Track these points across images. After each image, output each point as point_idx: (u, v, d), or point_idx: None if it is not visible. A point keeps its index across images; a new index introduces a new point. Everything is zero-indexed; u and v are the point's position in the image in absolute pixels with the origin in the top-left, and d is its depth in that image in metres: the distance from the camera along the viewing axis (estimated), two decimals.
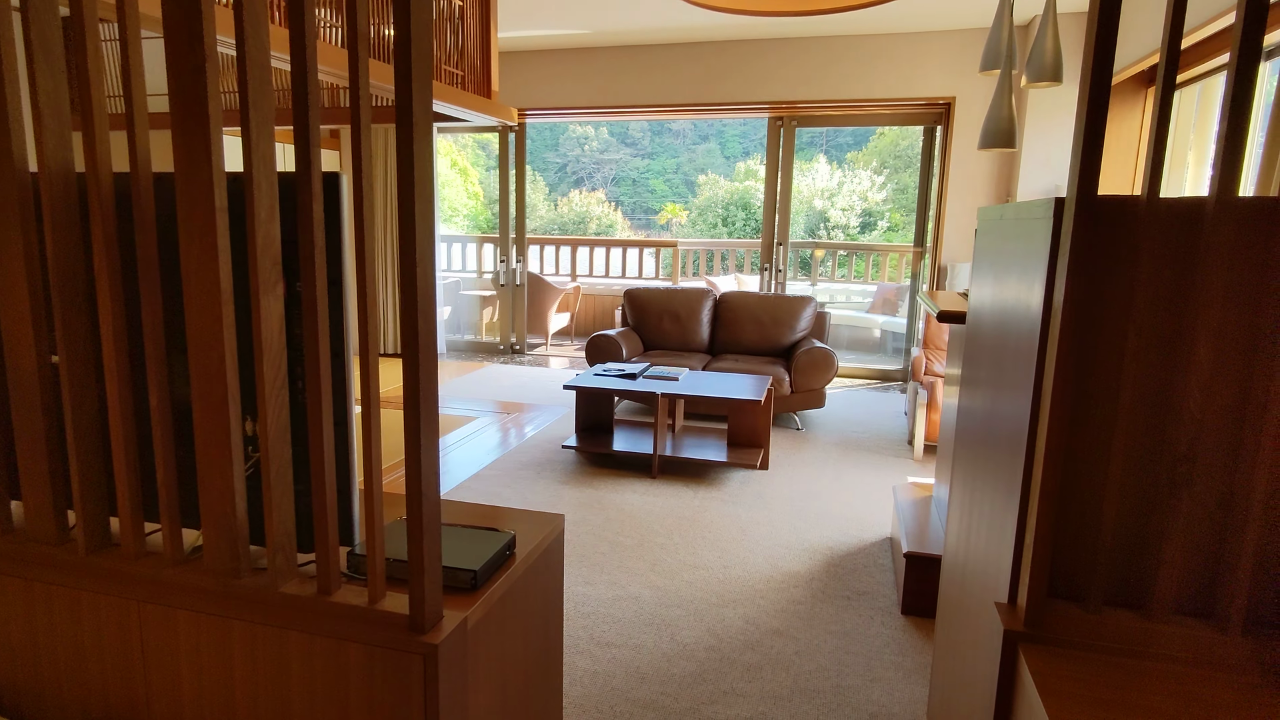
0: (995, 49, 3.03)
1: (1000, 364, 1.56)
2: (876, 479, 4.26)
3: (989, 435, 1.65)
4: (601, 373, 4.58)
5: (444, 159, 25.26)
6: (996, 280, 1.67)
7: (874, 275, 9.24)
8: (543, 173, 32.27)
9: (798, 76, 6.27)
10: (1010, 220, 1.57)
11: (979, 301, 1.95)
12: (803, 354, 5.11)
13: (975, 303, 2.04)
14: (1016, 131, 2.95)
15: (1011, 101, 2.95)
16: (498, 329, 7.78)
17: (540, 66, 6.87)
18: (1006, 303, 1.52)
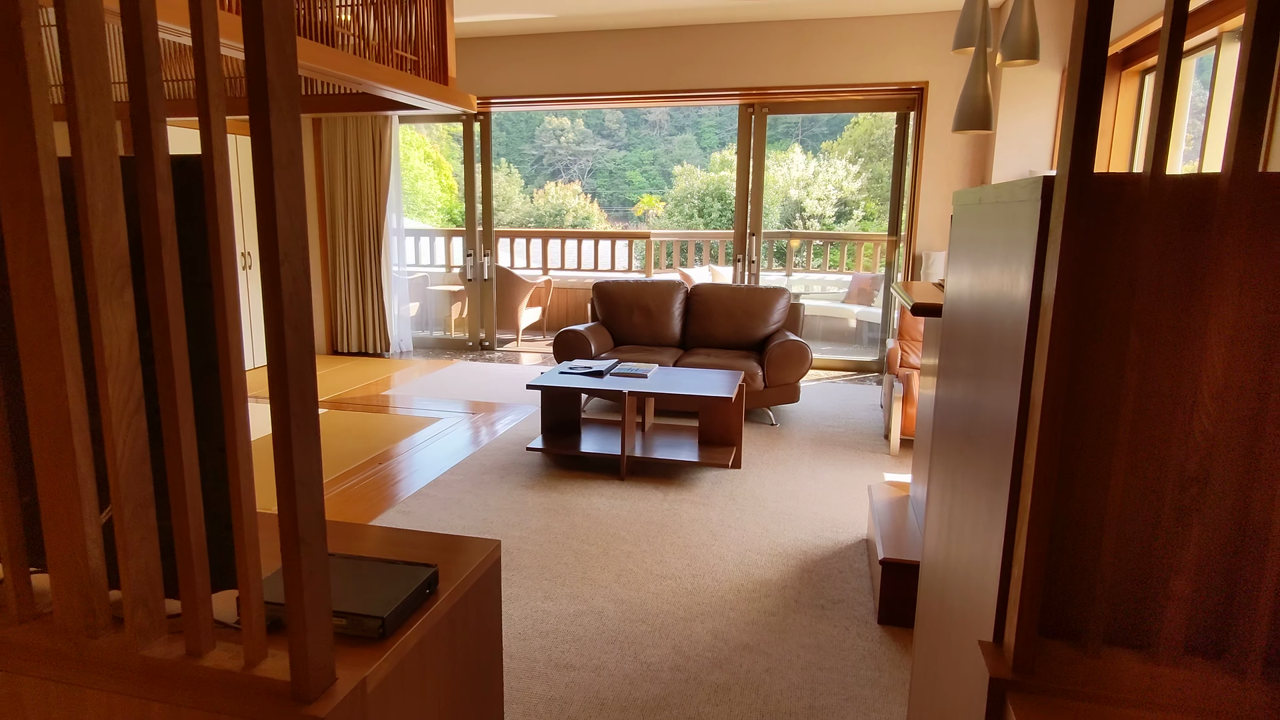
0: (969, 26, 2.88)
1: (982, 362, 1.41)
2: (852, 476, 4.12)
3: (969, 438, 1.49)
4: (568, 370, 4.41)
5: (416, 151, 24.91)
6: (975, 270, 1.51)
7: (849, 265, 9.13)
8: (519, 165, 31.95)
9: (768, 62, 6.10)
10: (990, 204, 1.41)
11: (956, 293, 1.80)
12: (776, 347, 4.96)
13: (952, 295, 1.88)
14: (992, 113, 2.81)
15: (987, 81, 2.80)
16: (467, 325, 7.56)
17: (503, 53, 6.65)
18: (988, 296, 1.36)
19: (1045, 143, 5.42)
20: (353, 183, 6.97)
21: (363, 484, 4.01)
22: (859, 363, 6.79)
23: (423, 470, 4.23)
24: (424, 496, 3.82)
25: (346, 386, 6.12)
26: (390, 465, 4.31)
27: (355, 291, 7.14)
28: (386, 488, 3.96)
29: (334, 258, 7.16)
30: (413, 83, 4.31)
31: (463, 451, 4.54)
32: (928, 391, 3.10)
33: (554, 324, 8.94)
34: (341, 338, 7.26)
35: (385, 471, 4.21)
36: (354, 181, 6.97)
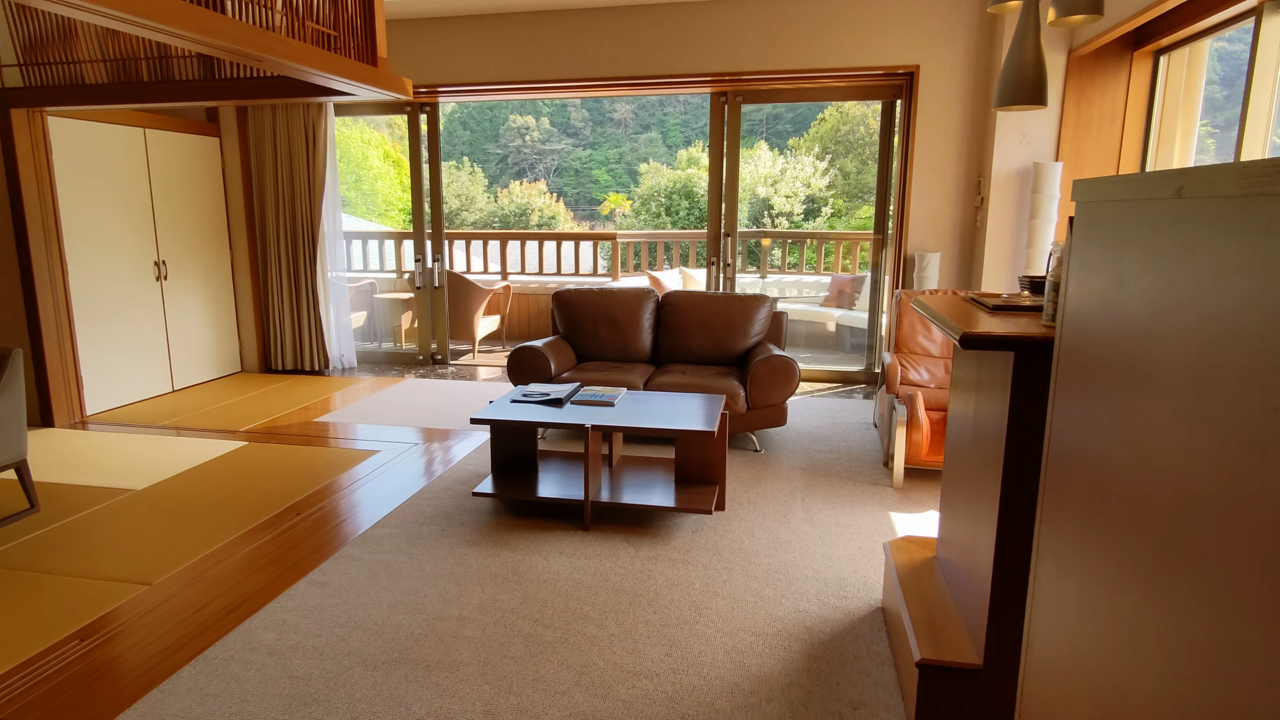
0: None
1: (1148, 417, 0.77)
2: (854, 518, 3.49)
3: (1147, 514, 0.85)
4: (521, 399, 3.72)
5: (376, 150, 23.93)
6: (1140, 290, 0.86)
7: (826, 265, 8.52)
8: (483, 164, 31.10)
9: (743, 45, 5.45)
10: (1203, 199, 0.75)
11: (1090, 318, 1.16)
12: (759, 364, 4.32)
13: (1082, 319, 1.25)
14: (1045, 84, 2.17)
15: (1039, 42, 2.17)
16: (417, 337, 6.82)
17: (452, 36, 5.92)
18: (1207, 323, 0.71)
19: (1049, 133, 4.85)
20: (284, 181, 6.19)
21: (275, 542, 3.28)
22: (845, 373, 6.18)
23: (352, 520, 3.52)
24: (347, 560, 3.11)
25: (275, 412, 5.36)
26: (314, 515, 3.59)
27: (289, 302, 6.37)
28: (304, 547, 3.24)
29: (264, 264, 6.37)
30: (330, 62, 3.58)
31: (402, 493, 3.83)
32: (962, 415, 2.48)
33: (514, 333, 8.23)
34: (275, 354, 6.48)
35: (306, 524, 3.49)
36: (285, 179, 6.19)
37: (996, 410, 1.99)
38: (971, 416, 2.26)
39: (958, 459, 2.44)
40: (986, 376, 2.13)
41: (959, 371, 2.50)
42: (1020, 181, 4.93)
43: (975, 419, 2.22)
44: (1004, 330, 1.88)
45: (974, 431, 2.24)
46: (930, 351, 4.50)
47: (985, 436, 2.09)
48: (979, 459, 2.15)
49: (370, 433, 4.88)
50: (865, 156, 21.67)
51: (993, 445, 1.99)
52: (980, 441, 2.14)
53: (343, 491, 3.87)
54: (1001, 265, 5.05)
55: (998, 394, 1.99)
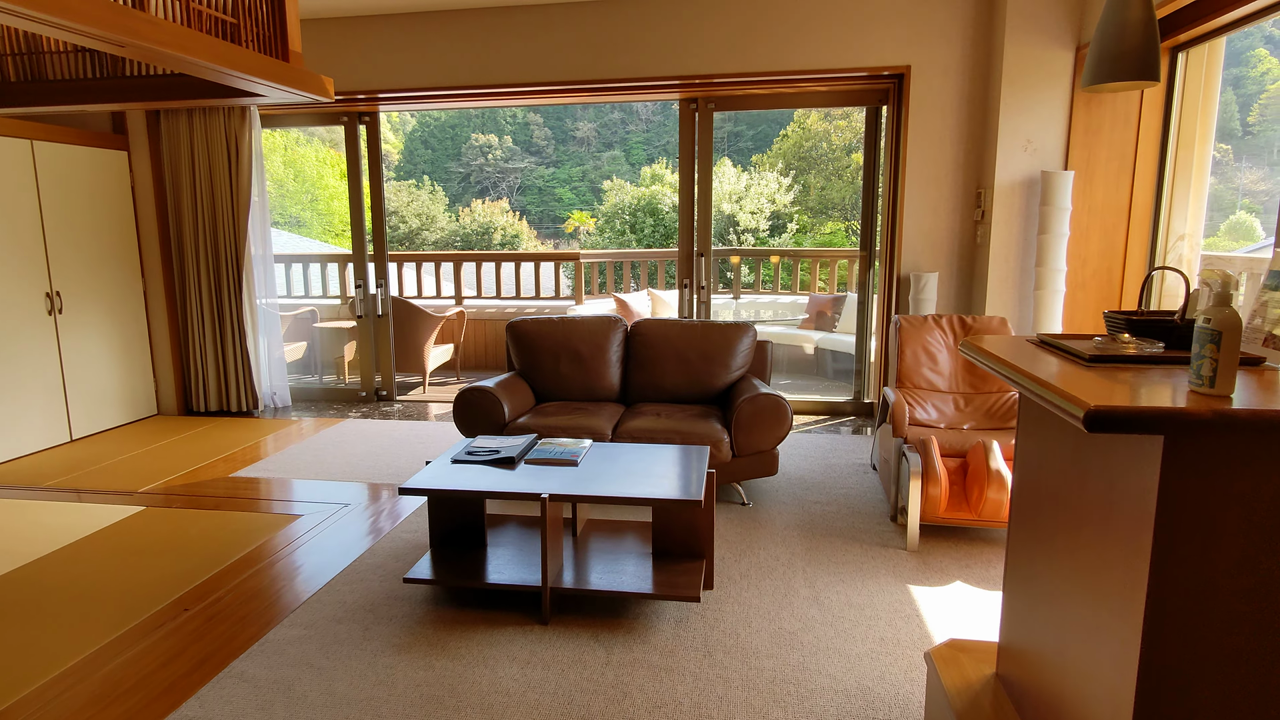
0: None
1: None
2: (868, 595, 2.86)
3: None
4: (465, 457, 3.03)
5: (333, 169, 23.04)
6: None
7: (803, 284, 7.97)
8: (444, 183, 30.30)
9: (714, 45, 4.86)
10: None
11: None
12: (745, 404, 3.69)
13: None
14: (1159, 54, 1.56)
15: None
16: (360, 371, 6.08)
17: (393, 37, 5.24)
18: None
19: (1058, 139, 4.32)
20: (204, 198, 5.43)
21: (147, 654, 2.55)
22: (831, 404, 5.59)
23: (253, 616, 2.80)
24: (236, 680, 2.39)
25: (186, 464, 4.59)
26: (207, 610, 2.85)
27: (212, 334, 5.59)
28: (183, 661, 2.51)
29: (183, 292, 5.59)
30: (223, 53, 2.88)
31: (323, 573, 3.11)
32: (1048, 485, 1.87)
33: (470, 363, 7.51)
34: (196, 393, 5.69)
35: (193, 625, 2.76)
36: (205, 197, 5.43)
37: (1130, 494, 1.36)
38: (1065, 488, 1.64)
39: (1038, 542, 1.81)
40: (1097, 450, 1.51)
41: (1033, 425, 1.88)
42: (1026, 193, 4.39)
43: (1078, 493, 1.59)
44: (1152, 404, 1.25)
45: (1075, 512, 1.61)
46: (937, 386, 3.91)
47: (1100, 518, 1.46)
48: (1084, 548, 1.52)
49: (295, 490, 4.14)
50: (829, 172, 21.37)
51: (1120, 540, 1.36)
52: (1084, 523, 1.51)
53: (249, 574, 3.14)
54: (1007, 286, 4.49)
55: (1129, 478, 1.36)
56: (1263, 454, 1.26)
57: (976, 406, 3.80)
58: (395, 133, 31.64)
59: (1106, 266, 4.35)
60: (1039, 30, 4.24)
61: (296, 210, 22.89)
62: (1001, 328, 3.89)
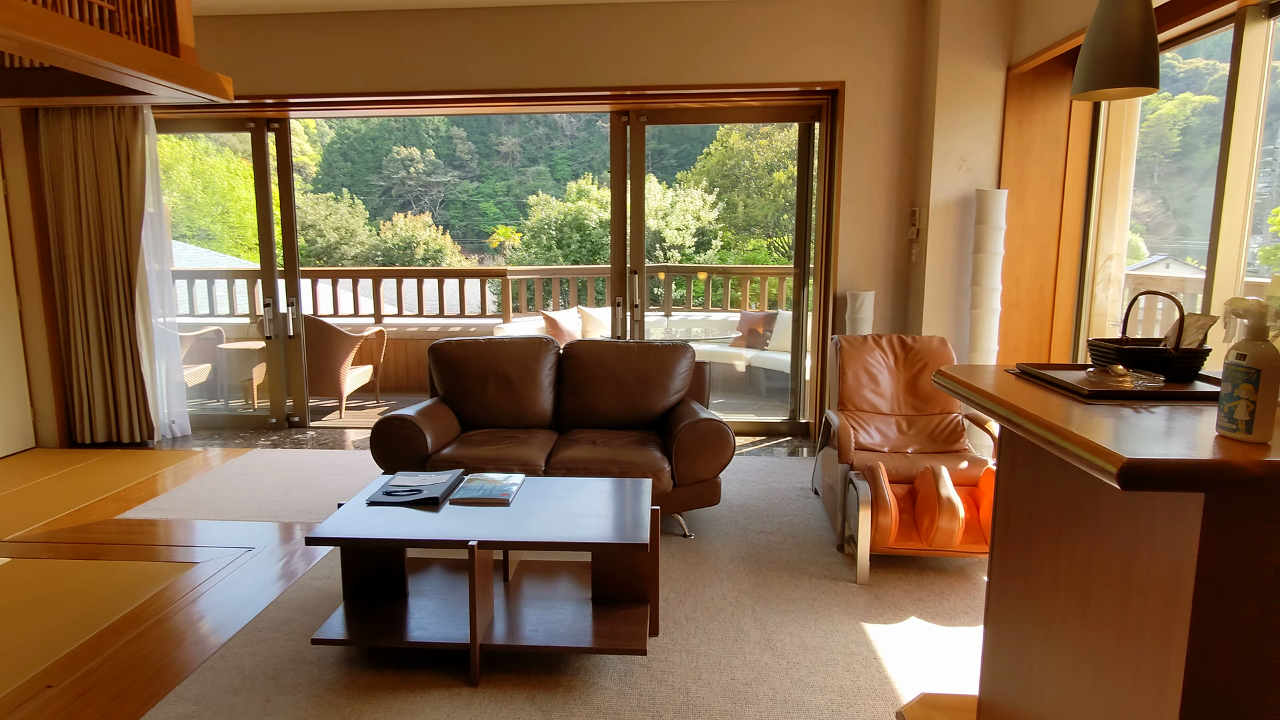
0: None
1: None
2: (821, 636, 2.66)
3: None
4: (383, 498, 2.70)
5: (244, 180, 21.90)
6: None
7: (733, 301, 7.85)
8: (365, 196, 29.31)
9: (647, 57, 4.67)
10: None
11: None
12: (686, 430, 3.46)
13: None
14: (1153, 56, 1.40)
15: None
16: (269, 395, 5.60)
17: (305, 38, 4.85)
18: None
19: (990, 158, 4.28)
20: (90, 209, 4.89)
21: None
22: (768, 424, 5.43)
23: (133, 692, 2.39)
24: None
25: (67, 505, 4.06)
26: (76, 684, 2.43)
27: (100, 357, 5.03)
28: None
29: (65, 312, 5.02)
30: (95, 42, 2.49)
31: (219, 632, 2.71)
32: (1023, 512, 1.70)
33: (391, 384, 7.07)
34: (81, 423, 5.11)
35: (61, 702, 2.33)
36: (91, 208, 4.89)
37: (1158, 554, 1.17)
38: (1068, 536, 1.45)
39: (1029, 594, 1.63)
40: (1110, 496, 1.33)
41: (1020, 461, 1.70)
42: (961, 211, 4.34)
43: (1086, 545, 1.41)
44: (1190, 457, 1.07)
45: (1082, 565, 1.43)
46: (879, 408, 3.78)
47: (1117, 576, 1.27)
48: (1095, 608, 1.33)
49: (193, 532, 3.69)
50: (751, 190, 21.60)
51: (1144, 604, 1.18)
52: (1094, 579, 1.32)
53: (131, 637, 2.71)
54: (944, 305, 4.42)
55: (1157, 535, 1.18)
56: None
57: (920, 429, 3.68)
58: (313, 144, 30.49)
59: (1039, 285, 4.33)
60: (970, 50, 4.21)
61: (206, 223, 21.68)
62: (942, 348, 3.79)
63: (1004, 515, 1.78)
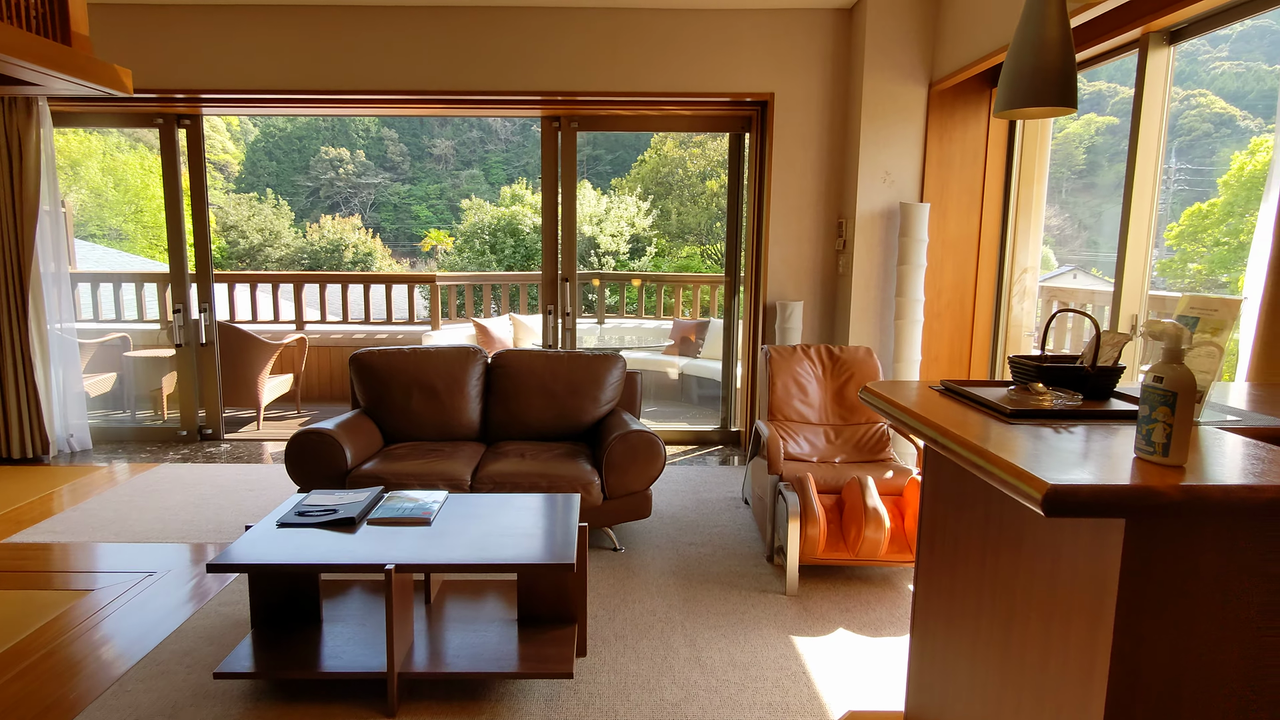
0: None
1: None
2: (751, 651, 2.62)
3: None
4: (295, 519, 2.54)
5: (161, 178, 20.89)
6: None
7: (666, 308, 7.83)
8: (291, 198, 28.33)
9: (578, 63, 4.59)
10: None
11: None
12: (617, 442, 3.39)
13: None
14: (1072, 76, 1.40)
15: (1064, 14, 1.43)
16: (180, 406, 5.28)
17: (219, 30, 4.59)
18: None
19: (913, 172, 4.36)
20: None
21: None
22: (699, 433, 5.41)
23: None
24: None
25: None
26: None
27: (15, 383, 4.65)
28: None
29: None
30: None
31: (113, 668, 2.50)
32: (947, 528, 1.69)
33: (314, 393, 6.79)
34: None
35: None
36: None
37: (1081, 572, 1.16)
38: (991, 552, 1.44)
39: (954, 609, 1.62)
40: (1034, 514, 1.32)
41: (943, 476, 1.69)
42: (886, 224, 4.41)
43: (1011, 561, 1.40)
44: (1111, 482, 1.05)
45: (1005, 581, 1.42)
46: (808, 418, 3.79)
47: (1041, 591, 1.26)
48: (1019, 622, 1.32)
49: (90, 556, 3.42)
50: (685, 198, 21.73)
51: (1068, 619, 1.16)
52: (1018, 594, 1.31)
53: (15, 673, 2.48)
54: (869, 316, 4.48)
55: (1080, 554, 1.17)
56: (1233, 528, 1.10)
57: (847, 438, 3.71)
58: (236, 142, 29.31)
59: (959, 297, 4.43)
60: (894, 66, 4.28)
61: (118, 222, 20.57)
62: (868, 358, 3.83)
63: (929, 532, 1.77)
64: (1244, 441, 1.26)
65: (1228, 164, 18.14)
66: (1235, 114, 20.06)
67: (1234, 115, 20.04)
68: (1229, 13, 2.77)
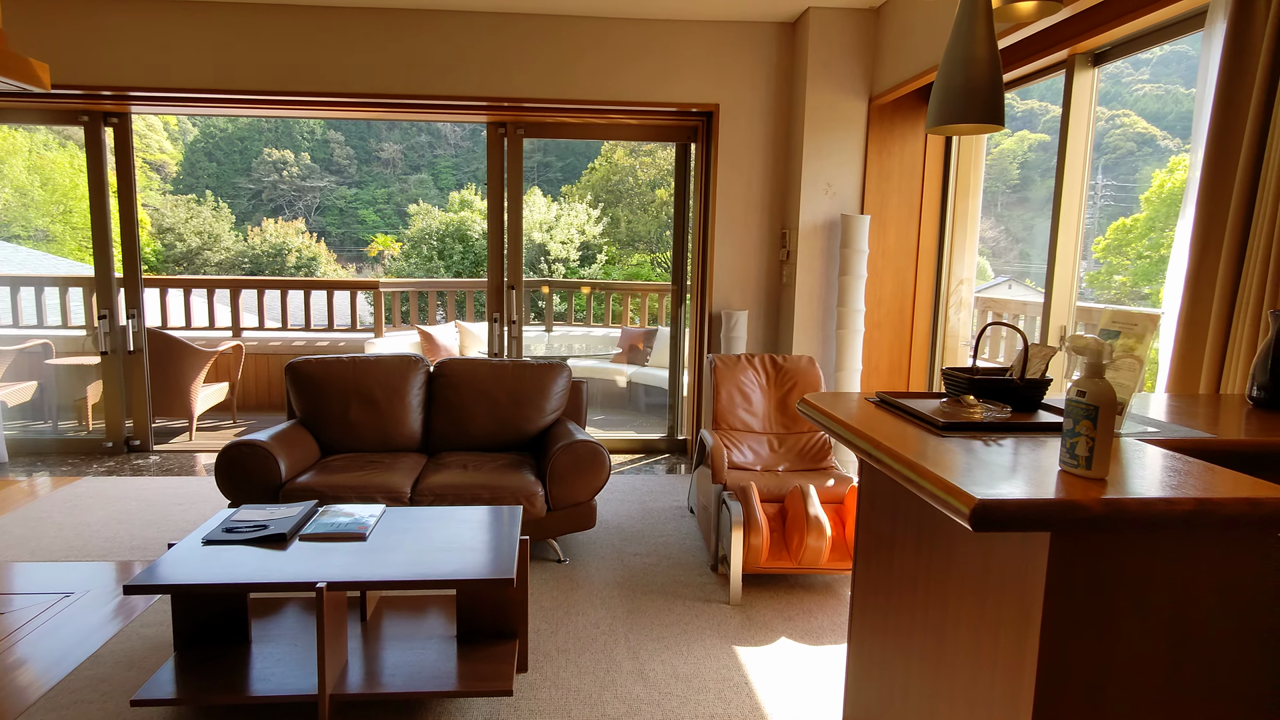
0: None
1: None
2: (694, 663, 2.60)
3: None
4: (222, 535, 2.43)
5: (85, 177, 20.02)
6: None
7: (614, 316, 7.81)
8: (232, 200, 27.49)
9: (525, 70, 4.55)
10: None
11: None
12: (561, 452, 3.35)
13: None
14: (999, 94, 1.43)
15: (992, 34, 1.45)
16: (105, 416, 5.05)
17: (149, 25, 4.41)
18: None
19: (855, 184, 4.43)
20: None
21: None
22: (646, 442, 5.39)
23: None
24: None
25: None
26: None
27: None
28: None
29: None
30: None
31: (20, 699, 2.35)
32: (882, 537, 1.70)
33: (251, 402, 6.56)
34: None
35: None
36: None
37: (1010, 581, 1.17)
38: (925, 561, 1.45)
39: (889, 619, 1.62)
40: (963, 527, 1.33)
41: (874, 487, 1.70)
42: (828, 235, 4.46)
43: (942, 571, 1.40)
44: (1037, 496, 1.06)
45: (937, 590, 1.42)
46: (752, 427, 3.80)
47: (972, 600, 1.27)
48: (952, 630, 1.32)
49: (2, 577, 3.23)
50: (635, 206, 21.78)
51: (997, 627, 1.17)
52: (950, 603, 1.32)
53: None
54: (812, 325, 4.53)
55: (1009, 564, 1.18)
56: (1151, 539, 1.12)
57: (790, 447, 3.73)
58: (174, 141, 28.31)
59: (899, 307, 4.51)
60: (836, 80, 4.34)
61: (45, 223, 19.66)
62: (810, 367, 3.87)
63: (865, 541, 1.78)
64: (1163, 454, 1.29)
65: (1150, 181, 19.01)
66: (1156, 134, 21.05)
67: (1155, 135, 21.03)
68: (1147, 37, 2.88)
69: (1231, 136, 2.15)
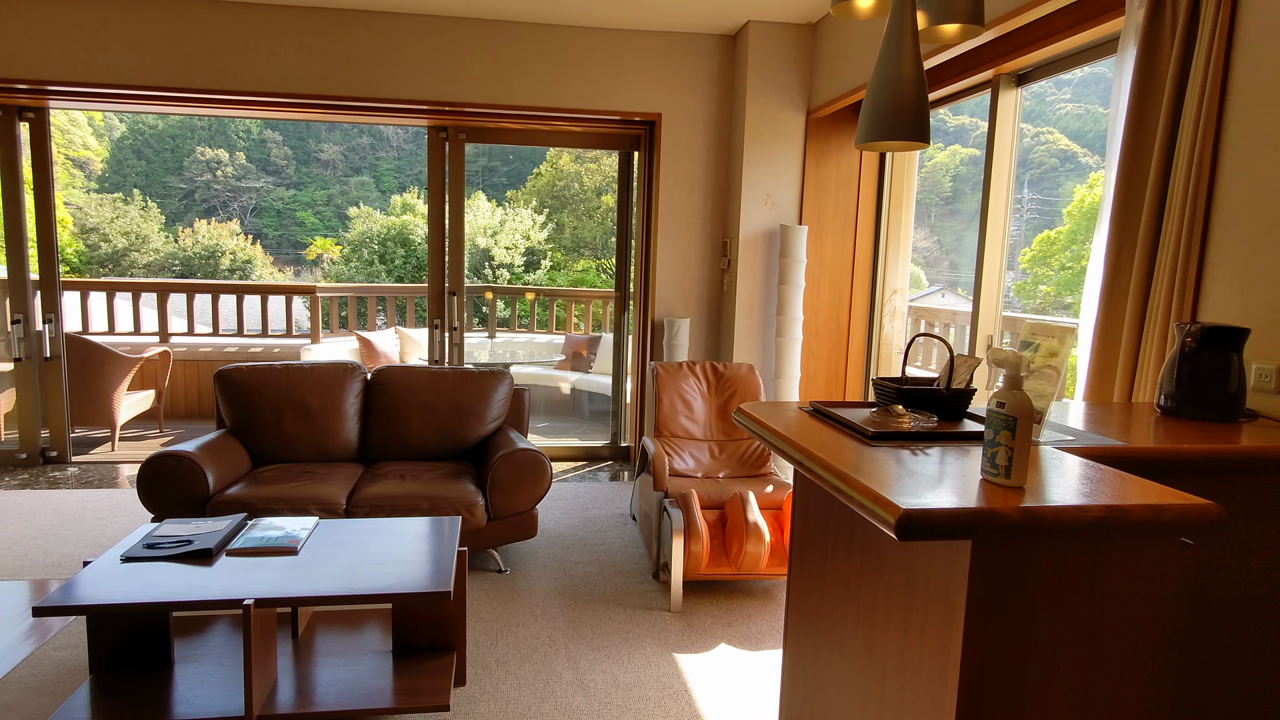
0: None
1: None
2: (634, 671, 2.59)
3: None
4: (143, 551, 2.32)
5: None
6: None
7: (559, 322, 7.77)
8: (162, 200, 26.45)
9: (466, 74, 4.49)
10: None
11: None
12: (501, 461, 3.30)
13: None
14: (925, 113, 1.48)
15: (918, 54, 1.49)
16: (18, 427, 4.78)
17: (70, 17, 4.21)
18: None
19: (793, 195, 4.50)
20: None
21: None
22: (589, 449, 5.37)
23: None
24: None
25: None
26: None
27: None
28: None
29: None
30: None
31: None
32: (814, 544, 1.71)
33: (180, 410, 6.30)
34: None
35: None
36: None
37: (934, 586, 1.19)
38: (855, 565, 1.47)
39: (822, 620, 1.64)
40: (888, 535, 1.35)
41: (808, 494, 1.72)
42: (767, 244, 4.52)
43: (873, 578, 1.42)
44: (959, 505, 1.09)
45: (868, 596, 1.44)
46: (693, 434, 3.82)
47: (900, 603, 1.29)
48: (880, 633, 1.35)
49: None
50: (581, 212, 21.74)
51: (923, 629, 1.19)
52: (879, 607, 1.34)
53: None
54: (752, 333, 4.58)
55: (932, 568, 1.20)
56: (1065, 543, 1.15)
57: (730, 454, 3.76)
58: (99, 138, 27.07)
59: (836, 316, 4.59)
60: (775, 92, 4.41)
61: None
62: (750, 375, 3.91)
63: (799, 547, 1.80)
64: (1080, 462, 1.34)
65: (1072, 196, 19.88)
66: (1077, 151, 22.03)
67: (1076, 152, 22.01)
68: (1067, 60, 3.00)
69: (1141, 155, 2.26)
